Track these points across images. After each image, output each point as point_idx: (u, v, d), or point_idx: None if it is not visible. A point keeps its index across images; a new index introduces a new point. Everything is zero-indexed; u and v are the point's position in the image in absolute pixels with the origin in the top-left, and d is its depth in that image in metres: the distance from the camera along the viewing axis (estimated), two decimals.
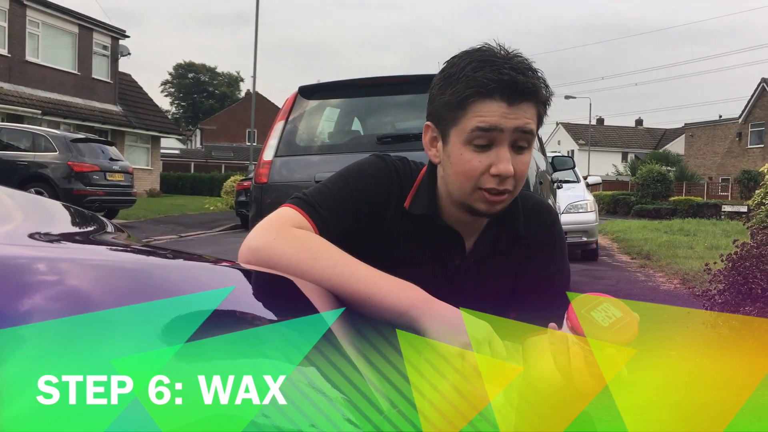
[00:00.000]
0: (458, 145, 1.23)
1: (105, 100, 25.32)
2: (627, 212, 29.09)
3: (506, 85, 1.17)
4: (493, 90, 1.18)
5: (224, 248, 10.67)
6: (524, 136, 1.21)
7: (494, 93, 1.18)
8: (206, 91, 71.78)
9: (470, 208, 1.26)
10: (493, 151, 1.20)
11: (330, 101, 4.56)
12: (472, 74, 1.19)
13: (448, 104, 1.22)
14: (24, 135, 13.71)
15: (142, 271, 0.75)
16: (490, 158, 1.20)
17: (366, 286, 1.11)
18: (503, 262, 1.35)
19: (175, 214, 18.33)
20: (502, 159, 1.19)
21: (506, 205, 1.26)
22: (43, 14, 22.58)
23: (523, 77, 1.18)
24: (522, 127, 1.20)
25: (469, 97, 1.19)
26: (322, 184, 1.31)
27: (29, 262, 0.66)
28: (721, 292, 4.86)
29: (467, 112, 1.20)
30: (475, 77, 1.18)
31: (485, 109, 1.19)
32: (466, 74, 1.20)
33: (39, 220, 1.04)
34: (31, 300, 0.56)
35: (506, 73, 1.17)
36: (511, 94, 1.18)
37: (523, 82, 1.18)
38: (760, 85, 38.22)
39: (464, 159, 1.22)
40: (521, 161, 1.22)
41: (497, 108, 1.18)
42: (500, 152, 1.19)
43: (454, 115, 1.22)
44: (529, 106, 1.21)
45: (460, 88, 1.20)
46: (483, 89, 1.18)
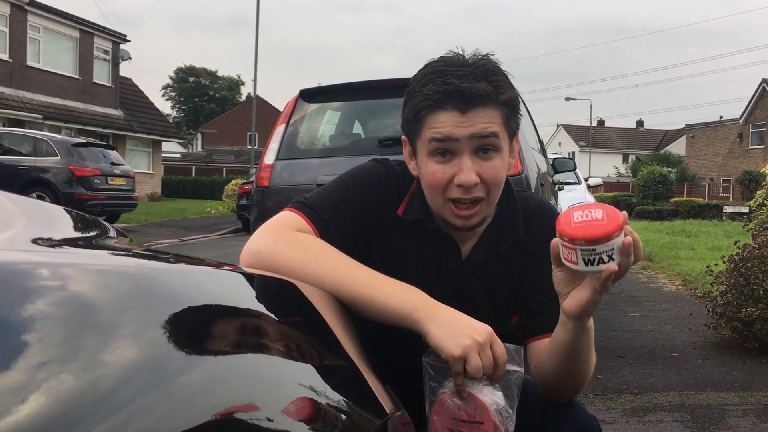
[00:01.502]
0: (424, 158, 1.24)
1: (106, 104, 25.35)
2: (628, 214, 28.96)
3: (453, 94, 1.18)
4: (441, 101, 1.19)
5: (226, 252, 10.68)
6: (485, 141, 1.20)
7: (444, 103, 1.19)
8: (207, 95, 71.87)
9: (446, 222, 1.27)
10: (455, 161, 1.21)
11: (331, 104, 4.56)
12: (422, 88, 1.21)
13: (408, 119, 1.25)
14: (25, 140, 13.72)
15: (144, 276, 0.75)
16: (453, 168, 1.21)
17: (368, 289, 1.11)
18: (504, 266, 1.35)
19: (177, 218, 18.35)
20: (462, 168, 1.20)
21: (485, 214, 1.26)
22: (44, 19, 22.62)
23: (470, 84, 1.18)
24: (479, 133, 1.19)
25: (421, 110, 1.21)
26: (323, 188, 1.31)
27: (32, 267, 0.66)
28: (723, 294, 4.85)
29: (423, 125, 1.22)
30: (423, 91, 1.20)
31: (438, 120, 1.20)
32: (419, 88, 1.22)
33: (41, 225, 1.04)
34: (34, 306, 0.57)
35: (451, 83, 1.18)
36: (459, 102, 1.18)
37: (469, 90, 1.17)
38: (760, 86, 38.20)
39: (429, 171, 1.23)
40: (489, 166, 1.21)
41: (450, 118, 1.19)
42: (462, 161, 1.20)
43: (414, 129, 1.24)
44: (486, 111, 1.20)
45: (414, 102, 1.22)
46: (432, 101, 1.19)
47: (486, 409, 1.06)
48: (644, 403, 3.62)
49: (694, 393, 3.79)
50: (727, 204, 26.92)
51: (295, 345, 0.80)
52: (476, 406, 1.06)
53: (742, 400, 3.67)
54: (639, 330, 5.47)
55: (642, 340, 5.07)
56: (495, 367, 1.05)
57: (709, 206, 26.61)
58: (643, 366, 4.34)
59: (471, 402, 1.07)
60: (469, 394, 1.06)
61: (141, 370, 0.56)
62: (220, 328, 0.72)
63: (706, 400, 3.67)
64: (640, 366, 4.34)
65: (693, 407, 3.53)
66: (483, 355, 1.03)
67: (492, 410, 1.06)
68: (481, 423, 1.06)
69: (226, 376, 0.64)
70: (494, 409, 1.07)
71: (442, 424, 1.10)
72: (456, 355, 1.02)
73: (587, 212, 1.02)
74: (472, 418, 1.07)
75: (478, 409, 1.06)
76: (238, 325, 0.75)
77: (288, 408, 0.70)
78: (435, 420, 1.11)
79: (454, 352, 1.02)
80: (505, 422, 1.07)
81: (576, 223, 1.01)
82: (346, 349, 0.94)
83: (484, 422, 1.06)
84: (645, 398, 3.69)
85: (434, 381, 1.11)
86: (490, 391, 1.07)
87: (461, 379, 1.05)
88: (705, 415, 3.41)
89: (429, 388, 1.11)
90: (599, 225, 1.00)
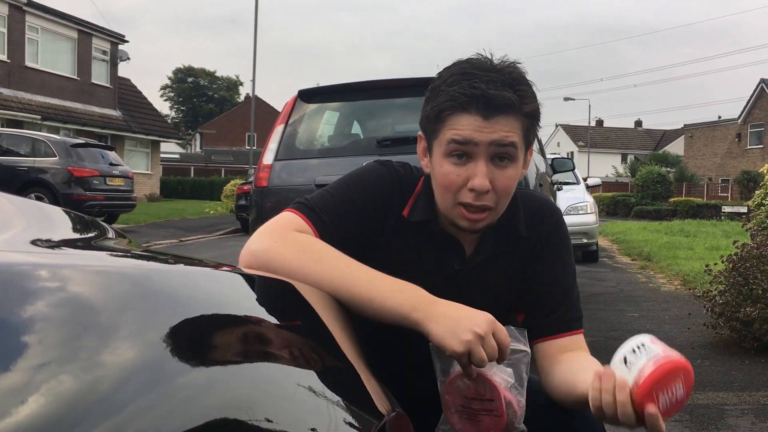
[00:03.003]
0: (439, 158, 1.24)
1: (104, 105, 25.34)
2: (627, 213, 29.09)
3: (479, 99, 1.17)
4: (466, 104, 1.18)
5: (225, 252, 10.67)
6: (504, 150, 1.20)
7: (468, 107, 1.18)
8: (206, 96, 71.85)
9: (453, 223, 1.27)
10: (470, 165, 1.20)
11: (329, 105, 4.56)
12: (448, 88, 1.20)
13: (429, 117, 1.25)
14: (24, 140, 13.71)
15: (143, 277, 0.75)
16: (467, 172, 1.20)
17: (368, 289, 1.11)
18: (506, 264, 1.35)
19: (176, 219, 18.34)
20: (477, 173, 1.19)
21: (491, 222, 1.26)
22: (42, 20, 22.60)
23: (497, 91, 1.17)
24: (499, 140, 1.19)
25: (445, 110, 1.20)
26: (324, 189, 1.31)
27: (31, 268, 0.66)
28: (722, 293, 4.85)
29: (444, 125, 1.21)
30: (450, 91, 1.19)
31: (460, 122, 1.19)
32: (444, 87, 1.21)
33: (40, 226, 1.04)
34: (33, 307, 0.57)
35: (479, 88, 1.17)
36: (484, 107, 1.18)
37: (496, 97, 1.17)
38: (759, 86, 38.23)
39: (443, 172, 1.23)
40: (503, 175, 1.21)
41: (472, 121, 1.18)
42: (477, 166, 1.20)
43: (434, 127, 1.24)
44: (508, 120, 1.19)
45: (438, 101, 1.21)
46: (457, 103, 1.18)
47: (496, 387, 1.08)
48: None
49: (693, 393, 3.78)
50: (726, 204, 26.94)
51: (293, 346, 0.80)
52: (486, 384, 1.08)
53: (741, 399, 3.67)
54: (638, 330, 5.47)
55: None
56: (499, 352, 1.05)
57: (708, 206, 26.64)
58: None
59: (481, 381, 1.08)
60: (478, 373, 1.08)
61: (140, 371, 0.56)
62: (219, 329, 0.72)
63: (705, 399, 3.67)
64: None
65: (692, 407, 3.53)
66: (486, 346, 1.03)
67: (502, 387, 1.08)
68: (492, 400, 1.08)
69: (224, 377, 0.65)
70: (504, 386, 1.08)
71: (454, 402, 1.12)
72: (459, 352, 1.03)
73: (670, 393, 1.00)
74: (482, 396, 1.09)
75: (489, 388, 1.08)
76: (236, 326, 0.75)
77: (286, 409, 0.70)
78: (447, 399, 1.13)
79: (457, 349, 1.03)
80: (516, 397, 1.09)
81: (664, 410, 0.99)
82: (344, 350, 0.94)
83: (495, 399, 1.08)
84: None
85: (443, 362, 1.12)
86: (500, 368, 1.09)
87: (469, 368, 1.06)
88: (704, 414, 3.41)
89: (439, 369, 1.13)
90: (682, 401, 1.01)
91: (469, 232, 1.28)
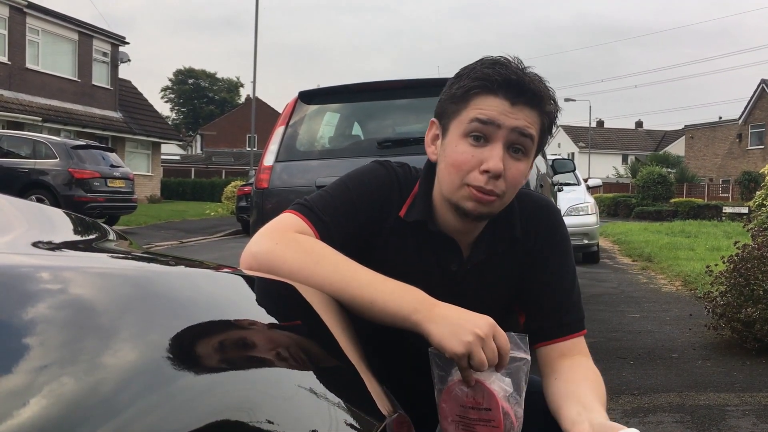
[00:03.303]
0: (456, 137, 1.23)
1: (105, 106, 25.36)
2: (628, 214, 29.09)
3: (512, 83, 1.19)
4: (497, 86, 1.19)
5: (226, 253, 10.68)
6: (522, 140, 1.21)
7: (498, 90, 1.19)
8: (206, 97, 71.90)
9: (457, 206, 1.25)
10: (487, 148, 1.20)
11: (330, 106, 4.56)
12: (481, 69, 1.22)
13: (453, 96, 1.25)
14: (24, 142, 13.72)
15: (144, 279, 0.75)
16: (483, 154, 1.20)
17: (368, 290, 1.11)
18: (504, 265, 1.34)
19: (176, 220, 18.35)
20: (493, 156, 1.19)
21: (494, 211, 1.25)
22: (42, 21, 22.62)
23: (530, 80, 1.20)
24: (521, 128, 1.20)
25: (473, 89, 1.21)
26: (324, 190, 1.31)
27: (33, 271, 0.66)
28: (723, 294, 4.85)
29: (469, 104, 1.22)
30: (483, 71, 1.21)
31: (487, 103, 1.20)
32: (476, 71, 1.22)
33: (41, 228, 1.04)
34: (35, 309, 0.57)
35: (514, 73, 1.20)
36: (514, 93, 1.19)
37: (529, 84, 1.20)
38: (759, 86, 38.23)
39: (458, 150, 1.23)
40: (516, 167, 1.22)
41: (499, 104, 1.20)
42: (494, 149, 1.20)
43: (456, 107, 1.24)
44: (532, 112, 1.21)
45: (466, 81, 1.23)
46: (488, 83, 1.20)
47: (494, 396, 1.07)
48: (644, 404, 3.62)
49: (695, 394, 3.79)
50: (727, 204, 26.94)
51: (294, 348, 0.80)
52: (484, 393, 1.07)
53: (743, 400, 3.67)
54: (639, 331, 5.47)
55: (642, 341, 5.07)
56: (499, 357, 1.05)
57: (709, 207, 26.62)
58: (644, 367, 4.35)
59: (479, 389, 1.07)
60: (477, 381, 1.07)
61: (141, 374, 0.56)
62: (220, 331, 0.72)
63: (707, 400, 3.67)
64: (640, 367, 4.34)
65: (693, 408, 3.53)
66: (486, 349, 1.03)
67: (500, 396, 1.07)
68: (490, 409, 1.07)
69: (225, 379, 0.65)
70: (502, 396, 1.07)
71: (451, 411, 1.11)
72: (459, 353, 1.03)
73: None
74: (480, 405, 1.08)
75: (486, 396, 1.07)
76: (237, 328, 0.75)
77: (287, 411, 0.70)
78: (444, 408, 1.12)
79: (457, 351, 1.03)
80: (513, 408, 1.08)
81: None
82: (345, 352, 0.94)
83: (493, 408, 1.07)
84: (645, 399, 3.69)
85: (441, 369, 1.11)
86: (498, 377, 1.08)
87: (468, 371, 1.05)
88: (705, 415, 3.41)
89: (437, 377, 1.12)
90: None
91: (470, 218, 1.26)
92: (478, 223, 1.30)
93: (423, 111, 4.05)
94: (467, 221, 1.28)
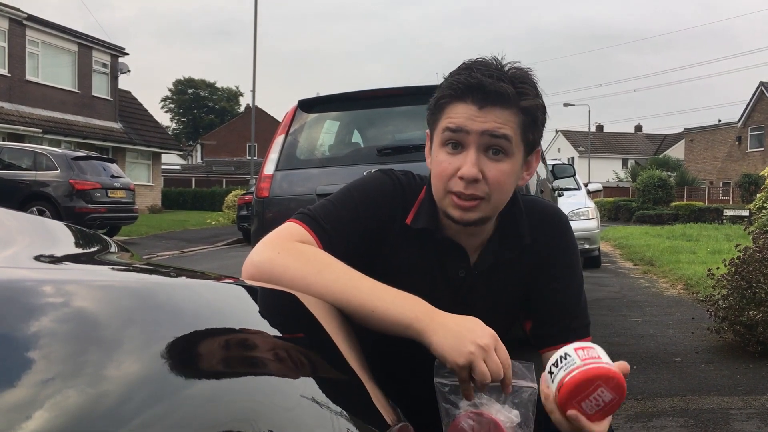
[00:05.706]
0: (436, 146, 1.26)
1: (105, 117, 25.40)
2: (628, 218, 29.07)
3: (474, 88, 1.19)
4: (462, 92, 1.20)
5: (227, 263, 10.67)
6: (496, 141, 1.21)
7: (465, 96, 1.20)
8: (206, 107, 71.98)
9: (446, 213, 1.26)
10: (462, 155, 1.22)
11: (329, 114, 4.57)
12: (451, 78, 1.23)
13: (430, 109, 1.28)
14: (25, 154, 13.75)
15: (146, 291, 0.75)
16: (459, 161, 1.22)
17: (370, 299, 1.11)
18: (512, 272, 1.34)
19: (177, 230, 18.35)
20: (467, 161, 1.20)
21: (485, 214, 1.25)
22: (42, 34, 22.69)
23: (493, 81, 1.19)
24: (490, 130, 1.20)
25: (442, 98, 1.24)
26: (327, 199, 1.31)
27: (35, 284, 0.67)
28: (725, 297, 4.84)
29: (442, 114, 1.24)
30: (451, 79, 1.23)
31: (455, 110, 1.22)
32: (447, 79, 1.24)
33: (43, 242, 1.04)
34: (38, 322, 0.57)
35: (475, 77, 1.19)
36: (480, 96, 1.20)
37: (490, 85, 1.19)
38: (758, 89, 38.26)
39: (438, 160, 1.25)
40: (496, 168, 1.21)
41: (466, 110, 1.20)
42: (467, 155, 1.21)
43: (434, 117, 1.27)
44: (503, 112, 1.20)
45: (439, 92, 1.25)
46: (454, 91, 1.21)
47: (500, 428, 1.04)
48: (648, 408, 3.61)
49: (698, 397, 3.78)
50: (728, 207, 26.91)
51: (297, 358, 0.81)
52: (491, 425, 1.04)
53: (746, 403, 3.66)
54: (641, 335, 5.46)
55: (644, 345, 5.06)
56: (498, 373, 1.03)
57: (710, 210, 26.62)
58: (646, 371, 4.34)
59: (485, 421, 1.04)
60: (482, 413, 1.04)
61: (144, 385, 0.57)
62: (223, 342, 0.72)
63: (710, 404, 3.66)
64: (643, 371, 4.33)
65: (697, 412, 3.52)
66: (489, 361, 1.01)
67: (507, 428, 1.04)
68: None
69: (228, 389, 0.65)
70: (509, 426, 1.04)
71: None
72: (461, 364, 1.02)
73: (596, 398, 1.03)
74: None
75: (493, 429, 1.04)
76: (240, 338, 0.75)
77: (290, 421, 0.70)
78: None
79: (459, 361, 1.02)
80: None
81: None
82: (348, 361, 0.94)
83: None
84: (648, 403, 3.69)
85: (448, 403, 1.08)
86: (506, 408, 1.05)
87: (467, 385, 1.04)
88: (709, 419, 3.40)
89: (443, 410, 1.09)
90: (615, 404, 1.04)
91: (462, 224, 1.26)
92: (480, 228, 1.30)
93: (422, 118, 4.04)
94: (466, 227, 1.28)
